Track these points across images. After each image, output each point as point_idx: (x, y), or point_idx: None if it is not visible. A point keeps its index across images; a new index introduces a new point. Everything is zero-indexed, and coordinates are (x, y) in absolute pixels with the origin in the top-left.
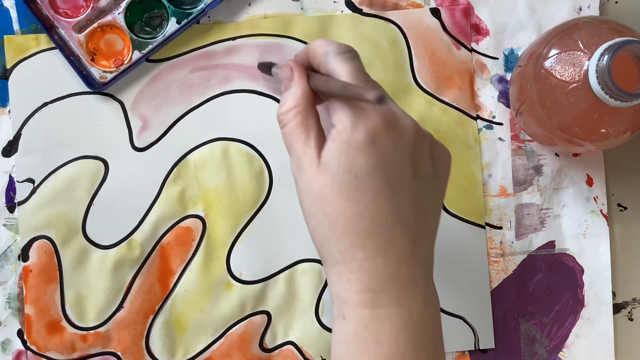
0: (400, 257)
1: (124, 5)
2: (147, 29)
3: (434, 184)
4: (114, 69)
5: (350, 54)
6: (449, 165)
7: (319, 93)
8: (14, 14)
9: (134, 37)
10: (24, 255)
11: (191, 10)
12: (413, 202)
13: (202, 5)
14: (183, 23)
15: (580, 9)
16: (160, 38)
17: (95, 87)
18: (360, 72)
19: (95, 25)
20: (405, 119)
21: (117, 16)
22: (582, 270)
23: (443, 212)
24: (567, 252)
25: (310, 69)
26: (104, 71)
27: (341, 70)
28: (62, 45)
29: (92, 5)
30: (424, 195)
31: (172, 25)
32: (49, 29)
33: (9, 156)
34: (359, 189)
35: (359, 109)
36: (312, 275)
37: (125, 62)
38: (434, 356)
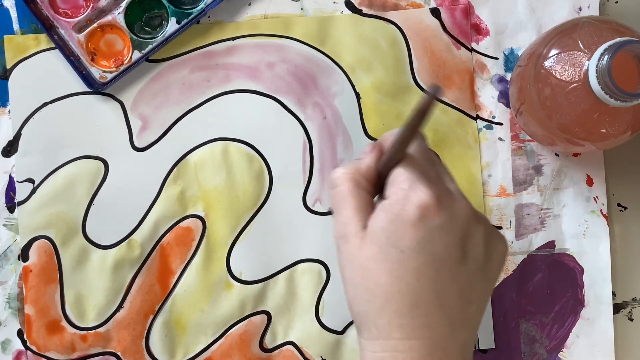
0: (437, 340)
1: (123, 5)
2: (147, 29)
3: (484, 272)
4: (114, 69)
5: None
6: (503, 255)
7: (385, 171)
8: (14, 14)
9: (134, 37)
10: (24, 255)
11: (191, 10)
12: (457, 286)
13: (202, 5)
14: (183, 23)
15: (580, 9)
16: (160, 38)
17: (95, 87)
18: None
19: (95, 25)
20: (460, 202)
21: (117, 16)
22: (582, 270)
23: None
24: (567, 252)
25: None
26: (104, 71)
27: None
28: (62, 45)
29: (92, 5)
30: (471, 281)
31: (172, 25)
32: (49, 29)
33: (9, 156)
34: (403, 265)
35: (414, 183)
36: (312, 275)
37: (125, 62)
38: None
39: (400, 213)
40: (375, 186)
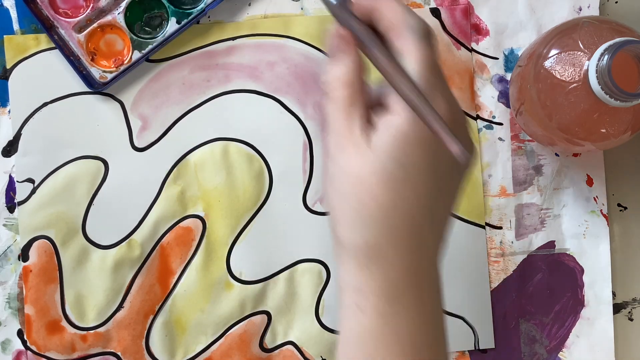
0: (429, 258)
1: (123, 5)
2: (147, 29)
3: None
4: (114, 69)
5: (430, 40)
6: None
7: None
8: (14, 14)
9: (134, 37)
10: (24, 255)
11: (191, 10)
12: (448, 204)
13: (202, 5)
14: (183, 23)
15: (580, 9)
16: (160, 38)
17: (95, 87)
18: (433, 69)
19: (95, 25)
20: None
21: (117, 16)
22: (582, 270)
23: None
24: (567, 252)
25: (367, 23)
26: (104, 71)
27: (413, 57)
28: (62, 45)
29: (92, 5)
30: (449, 187)
31: (172, 26)
32: (49, 28)
33: (9, 156)
34: (403, 181)
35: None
36: (312, 275)
37: (125, 62)
38: (444, 348)
39: (409, 132)
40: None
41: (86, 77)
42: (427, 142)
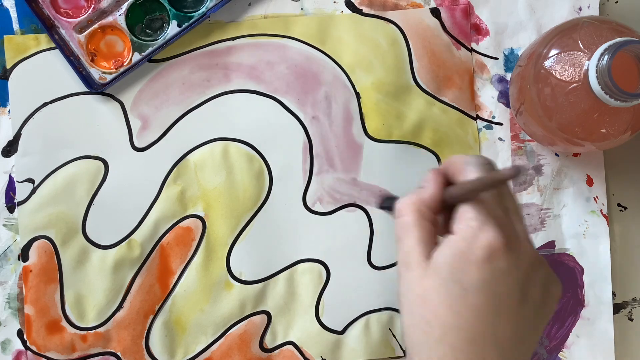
0: None
1: (125, 6)
2: (147, 31)
3: (539, 313)
4: (114, 70)
5: (490, 165)
6: (558, 298)
7: (451, 202)
8: (14, 14)
9: (135, 39)
10: (23, 255)
11: (192, 14)
12: (514, 326)
13: (203, 9)
14: (184, 26)
15: (580, 9)
16: (160, 41)
17: (94, 88)
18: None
19: (95, 26)
20: (526, 245)
21: (118, 17)
22: (582, 270)
23: None
24: (567, 252)
25: (447, 183)
26: (104, 72)
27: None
28: (62, 45)
29: (93, 6)
30: (526, 321)
31: (172, 28)
32: (49, 28)
33: (9, 156)
34: (463, 302)
35: (482, 223)
36: (312, 275)
37: (125, 63)
38: None
39: (466, 251)
40: (438, 214)
41: (85, 78)
42: (484, 260)
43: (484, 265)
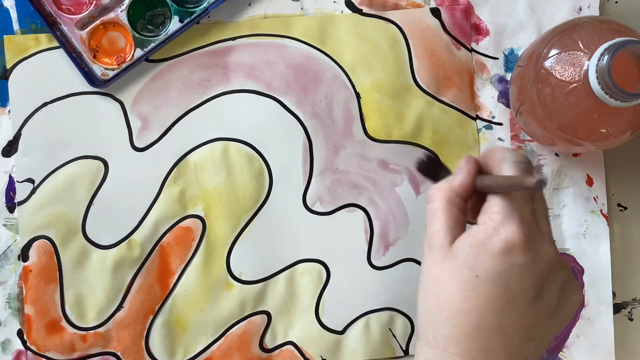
0: None
1: (126, 2)
2: (149, 27)
3: (553, 316)
4: (116, 66)
5: (526, 164)
6: (576, 305)
7: (481, 191)
8: (14, 14)
9: (137, 34)
10: (23, 255)
11: (194, 9)
12: (523, 323)
13: (205, 4)
14: (186, 22)
15: (580, 9)
16: (162, 36)
17: (97, 85)
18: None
19: (97, 22)
20: (547, 246)
21: (120, 14)
22: (582, 271)
23: None
24: (567, 252)
25: (482, 172)
26: (106, 68)
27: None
28: (64, 42)
29: (95, 2)
30: (537, 321)
31: (174, 24)
32: (51, 25)
33: (9, 156)
34: (474, 289)
35: (505, 218)
36: (312, 275)
37: (127, 59)
38: None
39: (485, 242)
40: (468, 200)
41: (88, 75)
42: (500, 253)
43: (499, 257)
